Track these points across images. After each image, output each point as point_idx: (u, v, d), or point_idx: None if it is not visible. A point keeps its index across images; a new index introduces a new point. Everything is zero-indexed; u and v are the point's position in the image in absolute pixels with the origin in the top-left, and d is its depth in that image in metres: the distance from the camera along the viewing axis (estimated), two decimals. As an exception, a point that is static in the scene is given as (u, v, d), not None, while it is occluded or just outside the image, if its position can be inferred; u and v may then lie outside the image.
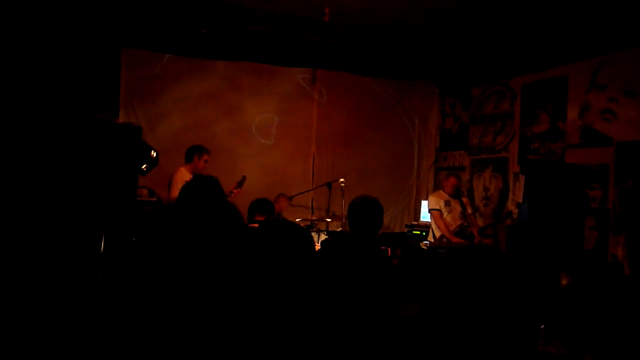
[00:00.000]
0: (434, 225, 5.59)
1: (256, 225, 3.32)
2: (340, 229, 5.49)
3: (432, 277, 4.65)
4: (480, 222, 6.04)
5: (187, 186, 2.24)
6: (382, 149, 7.03)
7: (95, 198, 2.58)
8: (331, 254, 2.35)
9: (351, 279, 2.27)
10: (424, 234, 6.21)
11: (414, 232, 6.49)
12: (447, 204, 5.51)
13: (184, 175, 4.71)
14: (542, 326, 2.37)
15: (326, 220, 5.66)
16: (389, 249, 4.47)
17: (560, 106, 5.33)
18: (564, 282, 2.59)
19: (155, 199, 3.76)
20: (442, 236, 5.36)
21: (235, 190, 4.90)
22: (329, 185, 5.69)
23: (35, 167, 2.53)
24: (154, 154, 2.95)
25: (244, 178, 5.05)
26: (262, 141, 6.34)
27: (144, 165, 2.91)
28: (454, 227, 5.42)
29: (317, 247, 2.55)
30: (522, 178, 5.11)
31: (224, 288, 1.89)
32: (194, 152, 5.02)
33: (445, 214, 5.47)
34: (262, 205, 3.56)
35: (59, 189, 2.53)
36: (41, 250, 2.46)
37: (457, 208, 5.49)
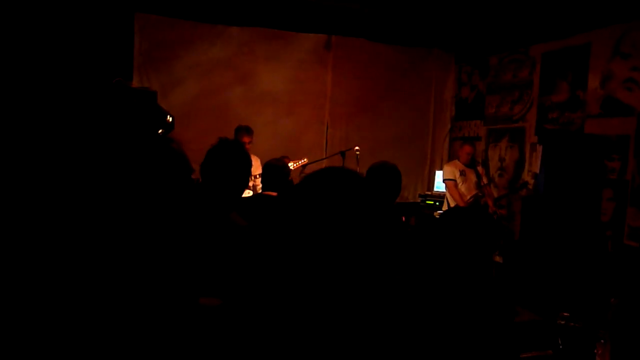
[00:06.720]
0: (448, 196, 5.56)
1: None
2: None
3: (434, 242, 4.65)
4: (495, 193, 6.00)
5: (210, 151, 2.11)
6: (397, 118, 6.95)
7: (110, 163, 2.59)
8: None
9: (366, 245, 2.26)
10: (437, 204, 6.19)
11: (427, 202, 6.47)
12: (462, 173, 5.47)
13: None
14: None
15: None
16: (403, 217, 4.47)
17: (581, 75, 5.19)
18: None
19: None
20: (456, 206, 5.34)
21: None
22: (342, 153, 5.64)
23: (53, 130, 2.53)
24: (169, 118, 2.94)
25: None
26: (275, 109, 6.29)
27: (160, 130, 2.90)
28: (469, 197, 5.39)
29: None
30: (539, 148, 5.04)
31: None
32: (235, 133, 5.02)
33: (460, 184, 5.43)
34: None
35: (75, 153, 2.53)
36: (53, 215, 2.47)
37: (472, 178, 5.45)
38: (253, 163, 5.33)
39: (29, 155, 2.44)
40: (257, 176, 4.52)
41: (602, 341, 1.94)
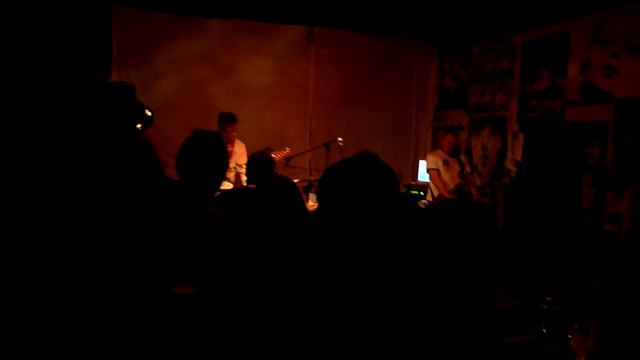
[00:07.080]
0: (432, 185, 5.59)
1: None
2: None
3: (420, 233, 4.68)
4: (478, 182, 6.04)
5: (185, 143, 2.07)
6: (380, 109, 6.95)
7: (88, 159, 2.54)
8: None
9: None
10: (422, 193, 6.22)
11: (411, 192, 6.49)
12: (445, 163, 5.50)
13: None
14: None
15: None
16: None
17: (561, 63, 5.23)
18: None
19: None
20: (440, 195, 5.37)
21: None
22: (326, 145, 5.64)
23: (28, 126, 2.48)
24: (148, 112, 2.89)
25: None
26: (258, 102, 6.25)
27: (139, 125, 2.85)
28: (452, 186, 5.42)
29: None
30: (521, 136, 5.09)
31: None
32: (218, 121, 4.95)
33: (443, 173, 5.46)
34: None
35: (51, 149, 2.49)
36: (33, 214, 2.43)
37: (456, 167, 5.49)
38: (238, 150, 5.29)
39: (2, 152, 2.39)
40: (243, 165, 4.49)
41: (576, 326, 1.97)
